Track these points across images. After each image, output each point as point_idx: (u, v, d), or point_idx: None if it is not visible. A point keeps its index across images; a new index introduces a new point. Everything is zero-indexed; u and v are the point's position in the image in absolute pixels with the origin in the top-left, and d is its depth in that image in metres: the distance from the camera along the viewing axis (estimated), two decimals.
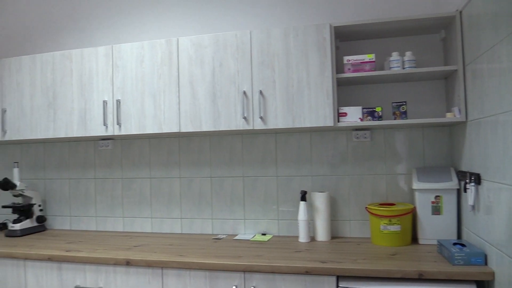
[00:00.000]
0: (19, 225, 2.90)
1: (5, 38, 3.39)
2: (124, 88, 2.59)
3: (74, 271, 2.34)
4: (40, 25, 3.27)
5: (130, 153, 2.99)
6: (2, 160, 3.35)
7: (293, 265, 1.96)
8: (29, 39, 3.31)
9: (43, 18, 3.26)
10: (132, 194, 2.98)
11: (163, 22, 2.95)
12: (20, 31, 3.34)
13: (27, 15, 3.31)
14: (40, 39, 3.27)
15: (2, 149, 3.36)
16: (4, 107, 2.87)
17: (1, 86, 2.89)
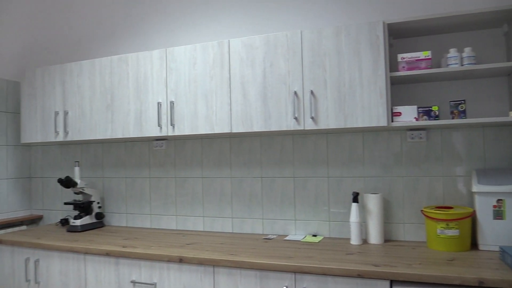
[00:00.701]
0: (79, 221, 3.05)
1: (67, 45, 3.58)
2: (177, 89, 2.66)
3: (130, 266, 2.43)
4: (98, 31, 3.43)
5: (183, 153, 3.06)
6: (65, 159, 3.55)
7: (345, 268, 1.92)
8: (88, 45, 3.48)
9: (101, 24, 3.42)
10: (184, 193, 3.05)
11: (214, 25, 3.00)
12: (81, 38, 3.52)
13: (87, 23, 3.48)
14: (99, 45, 3.43)
15: (65, 149, 3.55)
16: (67, 109, 3.03)
17: (64, 89, 3.05)
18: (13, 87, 3.62)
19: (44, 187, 3.65)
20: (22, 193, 3.66)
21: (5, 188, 3.51)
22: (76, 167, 3.15)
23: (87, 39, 3.49)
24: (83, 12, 3.51)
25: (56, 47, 3.63)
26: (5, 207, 3.49)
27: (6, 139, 3.54)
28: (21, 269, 2.81)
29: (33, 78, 3.20)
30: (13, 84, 3.62)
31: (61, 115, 3.05)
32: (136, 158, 3.23)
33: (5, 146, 3.53)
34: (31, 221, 3.65)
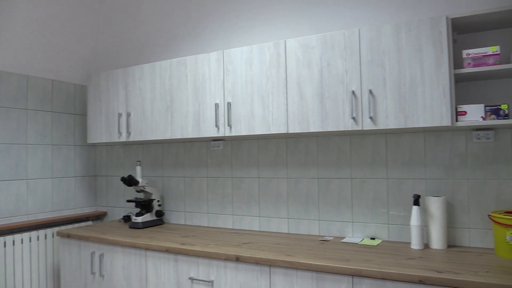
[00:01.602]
0: (141, 218, 3.17)
1: (130, 50, 3.74)
2: (234, 91, 2.69)
3: (188, 263, 2.49)
4: (159, 36, 3.55)
5: (240, 153, 3.10)
6: (127, 158, 3.71)
7: (406, 273, 1.86)
8: (150, 49, 3.61)
9: (162, 29, 3.54)
10: (241, 193, 3.08)
11: (270, 25, 3.01)
12: (143, 43, 3.66)
13: (148, 28, 3.62)
14: (159, 49, 3.55)
15: (127, 149, 3.71)
16: (129, 111, 3.16)
17: (126, 92, 3.19)
18: (80, 91, 3.83)
19: (108, 185, 3.84)
20: (88, 190, 3.87)
21: (73, 186, 3.72)
22: (137, 166, 3.28)
23: (148, 44, 3.62)
24: (145, 18, 3.65)
25: (120, 52, 3.81)
26: (72, 203, 3.71)
27: (74, 139, 3.76)
28: (87, 262, 2.96)
29: (98, 82, 3.37)
30: (80, 88, 3.84)
31: (124, 116, 3.19)
32: (194, 158, 3.31)
33: (73, 146, 3.74)
34: (96, 217, 3.85)
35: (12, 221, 3.24)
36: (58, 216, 3.55)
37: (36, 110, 3.45)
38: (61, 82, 3.66)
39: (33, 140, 3.42)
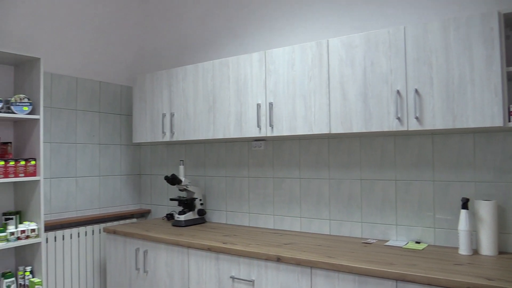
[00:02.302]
0: (183, 216, 3.23)
1: (173, 51, 3.82)
2: (276, 91, 2.69)
3: (230, 262, 2.51)
4: (201, 37, 3.61)
5: (281, 153, 3.09)
6: (171, 158, 3.79)
7: (453, 279, 1.79)
8: (193, 51, 3.67)
9: (204, 31, 3.59)
10: (282, 193, 3.08)
11: (312, 25, 2.99)
12: (185, 44, 3.73)
13: (192, 30, 3.68)
14: (202, 50, 3.60)
15: (170, 148, 3.79)
16: (173, 111, 3.23)
17: (170, 93, 3.26)
18: (126, 92, 3.95)
19: (152, 184, 3.94)
20: (133, 188, 3.98)
21: (119, 184, 3.84)
22: (180, 165, 3.35)
23: (191, 45, 3.69)
24: (188, 20, 3.71)
25: (164, 53, 3.90)
26: (118, 201, 3.83)
27: (120, 139, 3.88)
28: (132, 258, 3.05)
29: (143, 83, 3.46)
30: (126, 89, 3.96)
31: (168, 117, 3.26)
32: (236, 158, 3.33)
33: (119, 146, 3.87)
34: (140, 215, 3.96)
35: (63, 216, 3.39)
36: (104, 213, 3.68)
37: (84, 111, 3.59)
38: (108, 84, 3.79)
39: (82, 139, 3.56)
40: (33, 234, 2.82)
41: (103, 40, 3.75)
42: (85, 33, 3.60)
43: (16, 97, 2.79)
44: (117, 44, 3.88)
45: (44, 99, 3.28)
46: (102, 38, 3.74)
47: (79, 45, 3.55)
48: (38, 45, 3.26)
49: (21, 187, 2.99)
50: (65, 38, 3.45)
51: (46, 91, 3.30)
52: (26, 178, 2.80)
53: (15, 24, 3.12)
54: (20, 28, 3.15)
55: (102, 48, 3.75)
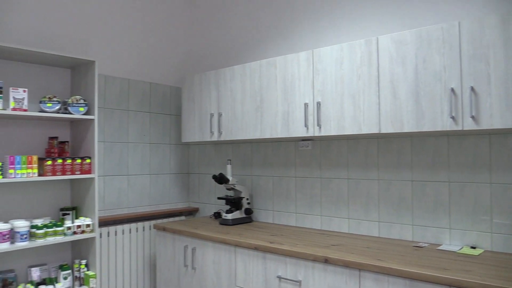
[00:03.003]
0: (230, 215, 3.26)
1: (221, 52, 3.87)
2: (324, 90, 2.66)
3: (277, 262, 2.51)
4: (249, 38, 3.63)
5: (328, 153, 3.06)
6: (218, 157, 3.84)
7: None
8: (240, 51, 3.70)
9: (251, 31, 3.61)
10: (330, 194, 3.04)
11: (361, 22, 2.93)
12: (233, 44, 3.76)
13: (239, 31, 3.72)
14: (250, 50, 3.63)
15: (218, 148, 3.84)
16: (220, 111, 3.27)
17: (218, 93, 3.30)
18: (175, 92, 4.05)
19: (200, 182, 4.01)
20: (182, 187, 4.07)
21: (168, 182, 3.94)
22: (228, 165, 3.38)
23: (239, 46, 3.72)
24: (236, 21, 3.75)
25: (212, 54, 3.96)
26: (167, 199, 3.93)
27: (169, 138, 3.98)
28: (180, 255, 3.12)
29: (192, 84, 3.53)
30: (175, 90, 4.05)
31: (216, 116, 3.30)
32: (283, 157, 3.33)
33: (168, 145, 3.97)
34: (188, 213, 4.04)
35: (115, 213, 3.52)
36: (154, 210, 3.78)
37: (136, 111, 3.70)
38: (158, 85, 3.90)
39: (133, 138, 3.68)
40: (88, 229, 2.95)
41: (154, 43, 3.86)
42: (137, 36, 3.72)
43: (73, 99, 2.93)
44: (167, 46, 3.98)
45: (98, 100, 3.42)
46: (153, 40, 3.85)
47: (131, 47, 3.68)
48: (93, 48, 3.40)
49: (77, 184, 3.14)
50: (118, 42, 3.58)
51: (100, 93, 3.44)
52: (81, 176, 2.93)
53: (72, 29, 3.27)
54: (77, 32, 3.30)
55: (153, 50, 3.86)
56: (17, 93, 2.65)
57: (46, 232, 2.75)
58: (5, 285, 2.74)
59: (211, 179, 3.90)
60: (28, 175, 2.68)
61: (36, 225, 2.73)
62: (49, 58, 2.89)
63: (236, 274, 2.74)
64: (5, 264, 2.85)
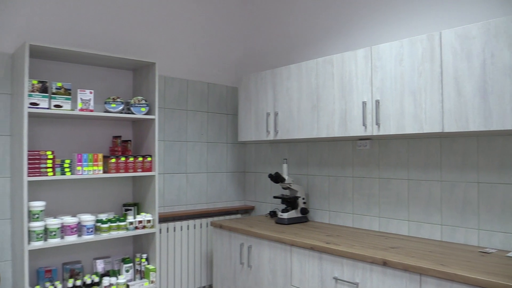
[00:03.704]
0: (286, 214, 3.26)
1: (278, 51, 3.87)
2: (383, 88, 2.58)
3: (333, 263, 2.48)
4: (305, 36, 3.60)
5: (387, 153, 2.97)
6: (274, 156, 3.85)
7: None
8: (297, 50, 3.69)
9: (308, 29, 3.58)
10: (388, 195, 2.95)
11: (422, 17, 2.81)
12: (289, 43, 3.75)
13: (295, 29, 3.70)
14: (305, 48, 3.60)
15: (274, 147, 3.85)
16: (277, 111, 3.27)
17: (274, 92, 3.31)
18: (232, 92, 4.10)
19: (256, 181, 4.03)
20: (238, 185, 4.12)
21: (225, 181, 4.01)
22: (284, 164, 3.38)
23: (295, 44, 3.70)
24: (291, 20, 3.73)
25: (268, 53, 3.97)
26: (224, 197, 3.99)
27: (226, 137, 4.04)
28: (236, 252, 3.16)
29: (248, 83, 3.56)
30: (232, 90, 4.11)
31: (272, 116, 3.31)
32: (340, 157, 3.27)
33: (225, 144, 4.03)
34: (244, 211, 4.08)
35: (174, 209, 3.63)
36: (211, 207, 3.86)
37: (194, 111, 3.80)
38: (215, 85, 3.97)
39: (192, 137, 3.77)
40: (149, 224, 3.06)
41: (211, 44, 3.94)
42: (195, 37, 3.81)
43: (135, 99, 3.05)
44: (224, 46, 4.05)
45: (159, 100, 3.54)
46: (210, 41, 3.93)
47: (189, 49, 3.77)
48: (153, 51, 3.53)
49: (139, 181, 3.27)
50: (177, 43, 3.69)
51: (160, 93, 3.56)
52: (143, 173, 3.04)
53: (134, 33, 3.41)
54: (138, 36, 3.44)
55: (210, 51, 3.93)
56: (84, 95, 2.81)
57: (110, 226, 2.89)
58: (73, 275, 2.91)
59: (267, 178, 3.92)
60: (94, 172, 2.83)
61: (101, 219, 2.87)
62: (113, 61, 3.03)
63: (292, 273, 2.73)
64: (73, 255, 3.03)
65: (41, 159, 2.61)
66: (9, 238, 2.80)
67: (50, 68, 2.98)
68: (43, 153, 2.63)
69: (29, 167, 2.56)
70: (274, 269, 2.85)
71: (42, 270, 2.81)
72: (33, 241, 2.57)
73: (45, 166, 2.63)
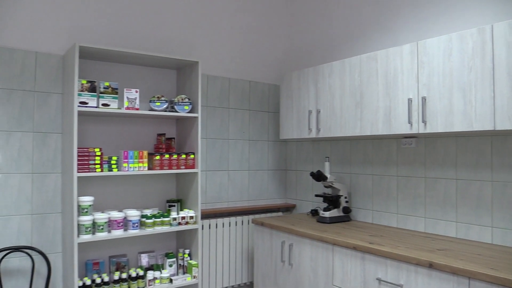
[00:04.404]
0: (328, 213, 3.22)
1: (320, 48, 3.83)
2: (429, 84, 2.50)
3: (376, 264, 2.42)
4: (347, 32, 3.54)
5: (434, 151, 2.87)
6: (316, 154, 3.81)
7: None
8: (339, 46, 3.63)
9: (351, 25, 3.52)
10: (435, 195, 2.85)
11: (472, 10, 2.69)
12: (331, 40, 3.70)
13: (338, 26, 3.64)
14: (349, 45, 3.54)
15: (316, 145, 3.81)
16: (319, 108, 3.24)
17: (316, 89, 3.27)
18: (273, 90, 4.10)
19: (297, 179, 4.01)
20: (279, 183, 4.11)
21: (266, 178, 4.01)
22: (326, 162, 3.34)
23: (338, 41, 3.65)
24: (334, 16, 3.68)
25: (310, 51, 3.93)
26: (265, 194, 4.00)
27: (268, 135, 4.04)
28: (277, 250, 3.16)
29: (290, 81, 3.54)
30: (273, 87, 4.10)
31: (314, 113, 3.28)
32: (383, 155, 3.20)
33: (266, 142, 4.03)
34: (285, 209, 4.07)
35: (216, 206, 3.67)
36: (252, 205, 3.88)
37: (236, 109, 3.82)
38: (257, 83, 3.98)
39: (233, 135, 3.80)
40: (192, 220, 3.11)
41: (253, 42, 3.95)
42: (237, 36, 3.83)
43: (179, 98, 3.11)
44: (265, 44, 4.05)
45: (201, 98, 3.59)
46: (252, 40, 3.94)
47: (231, 47, 3.80)
48: (196, 50, 3.58)
49: (182, 178, 3.33)
50: (219, 42, 3.72)
51: (203, 92, 3.61)
52: (186, 170, 3.10)
53: (177, 32, 3.47)
54: (182, 36, 3.50)
55: (252, 49, 3.95)
56: (130, 94, 2.89)
57: (154, 222, 2.96)
58: (119, 268, 3.01)
59: (309, 176, 3.89)
60: (139, 169, 2.91)
61: (146, 215, 2.95)
62: (158, 60, 3.10)
63: (334, 273, 2.70)
64: (119, 249, 3.13)
65: (89, 156, 2.71)
66: (60, 231, 2.93)
67: (98, 68, 3.09)
68: (92, 150, 2.72)
69: (79, 163, 2.67)
70: (315, 268, 2.83)
71: (90, 262, 2.92)
72: (82, 234, 2.67)
73: (94, 163, 2.73)
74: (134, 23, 3.26)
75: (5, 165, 2.75)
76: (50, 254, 2.89)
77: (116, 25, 3.18)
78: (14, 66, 2.79)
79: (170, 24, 3.44)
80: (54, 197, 2.91)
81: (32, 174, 2.84)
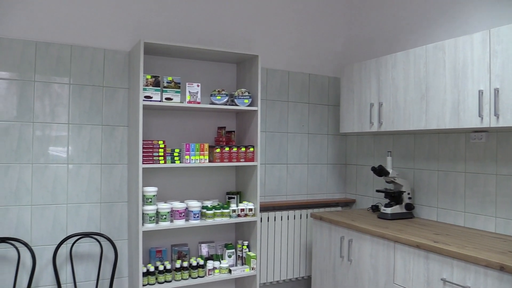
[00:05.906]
0: (390, 209, 3.12)
1: (382, 39, 3.70)
2: (503, 75, 2.34)
3: (441, 263, 2.32)
4: (411, 22, 3.39)
5: (507, 147, 2.68)
6: (377, 148, 3.70)
7: None
8: (403, 36, 3.49)
9: (415, 14, 3.36)
10: (508, 193, 2.67)
11: None
12: (394, 30, 3.56)
13: (401, 15, 3.50)
14: (413, 35, 3.39)
15: (377, 139, 3.70)
16: (381, 101, 3.14)
17: (379, 82, 3.17)
18: (333, 82, 4.03)
19: (357, 174, 3.93)
20: (338, 177, 4.05)
21: (325, 172, 3.96)
22: (388, 156, 3.24)
23: (401, 31, 3.51)
24: (397, 5, 3.54)
25: (372, 42, 3.81)
26: (324, 188, 3.95)
27: (327, 129, 3.98)
28: (336, 246, 3.11)
29: (351, 73, 3.46)
30: (333, 80, 4.03)
31: (376, 106, 3.19)
32: (450, 150, 3.04)
33: (326, 135, 3.97)
34: (345, 204, 4.01)
35: (275, 199, 3.68)
36: (311, 199, 3.85)
37: (295, 102, 3.80)
38: (316, 76, 3.93)
39: (293, 129, 3.79)
40: (250, 213, 3.14)
41: (312, 34, 3.90)
42: (296, 28, 3.80)
43: (239, 91, 3.14)
44: (324, 36, 3.98)
45: (261, 92, 3.60)
46: (311, 32, 3.89)
47: (290, 40, 3.78)
48: (256, 44, 3.60)
49: (241, 170, 3.37)
50: (278, 35, 3.71)
51: (262, 85, 3.62)
52: (245, 163, 3.13)
53: (237, 27, 3.50)
54: (241, 30, 3.53)
55: (311, 41, 3.90)
56: (192, 88, 2.96)
57: (214, 213, 3.02)
58: (180, 256, 3.11)
59: (369, 171, 3.79)
60: (201, 161, 2.98)
61: (206, 206, 3.02)
62: (219, 55, 3.15)
63: (395, 271, 2.62)
64: (180, 238, 3.23)
65: (154, 148, 2.82)
66: (126, 219, 3.08)
67: (161, 64, 3.19)
68: (156, 143, 2.83)
69: (144, 155, 2.78)
70: (376, 265, 2.76)
71: (153, 250, 3.05)
72: (146, 223, 2.79)
73: (158, 155, 2.83)
74: (195, 18, 3.33)
75: (77, 156, 2.92)
76: (117, 241, 3.04)
77: (177, 20, 3.27)
78: (85, 63, 2.95)
79: (229, 19, 3.48)
80: (120, 187, 3.06)
81: (101, 165, 3.00)
